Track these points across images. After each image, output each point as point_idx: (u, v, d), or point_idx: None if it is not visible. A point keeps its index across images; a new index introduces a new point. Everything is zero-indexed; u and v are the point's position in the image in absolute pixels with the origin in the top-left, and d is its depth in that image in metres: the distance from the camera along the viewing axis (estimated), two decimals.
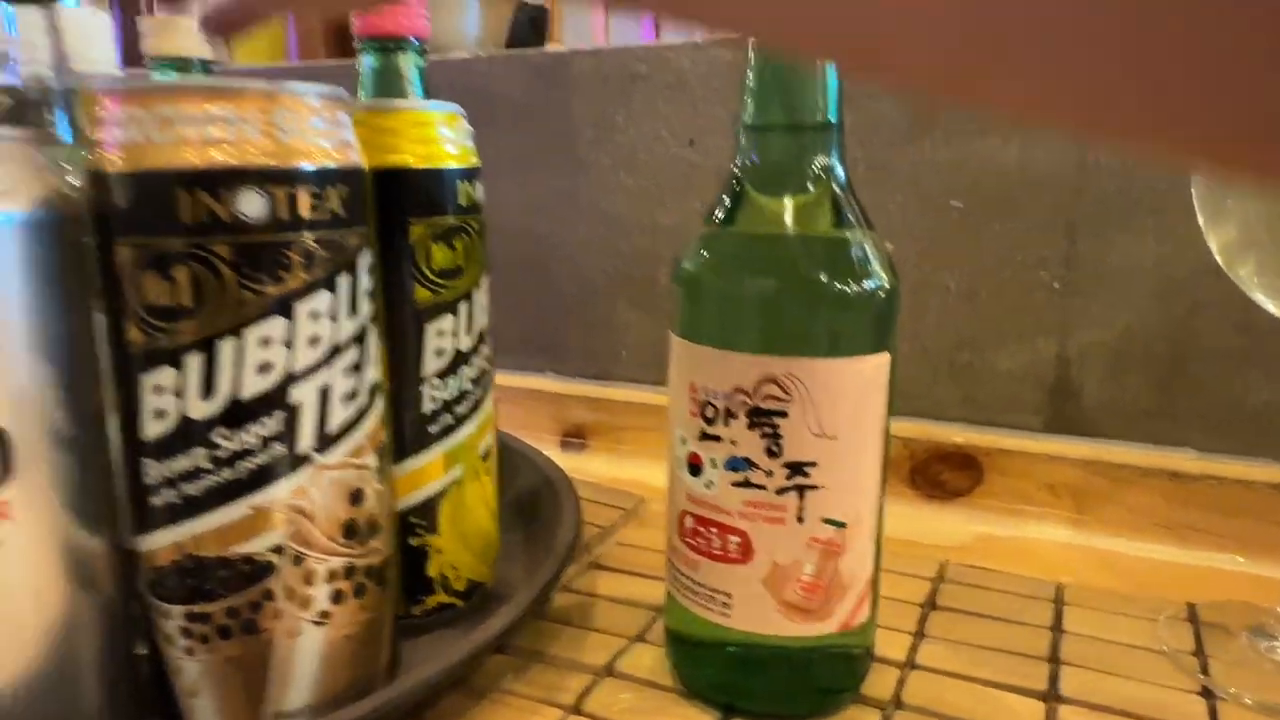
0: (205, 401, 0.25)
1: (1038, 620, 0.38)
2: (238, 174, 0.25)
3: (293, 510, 0.27)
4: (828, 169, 0.29)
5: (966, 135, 0.49)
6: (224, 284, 0.25)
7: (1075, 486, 0.48)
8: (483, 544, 0.37)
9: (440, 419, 0.34)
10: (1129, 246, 0.47)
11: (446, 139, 0.34)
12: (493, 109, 0.61)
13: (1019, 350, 0.50)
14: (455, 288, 0.34)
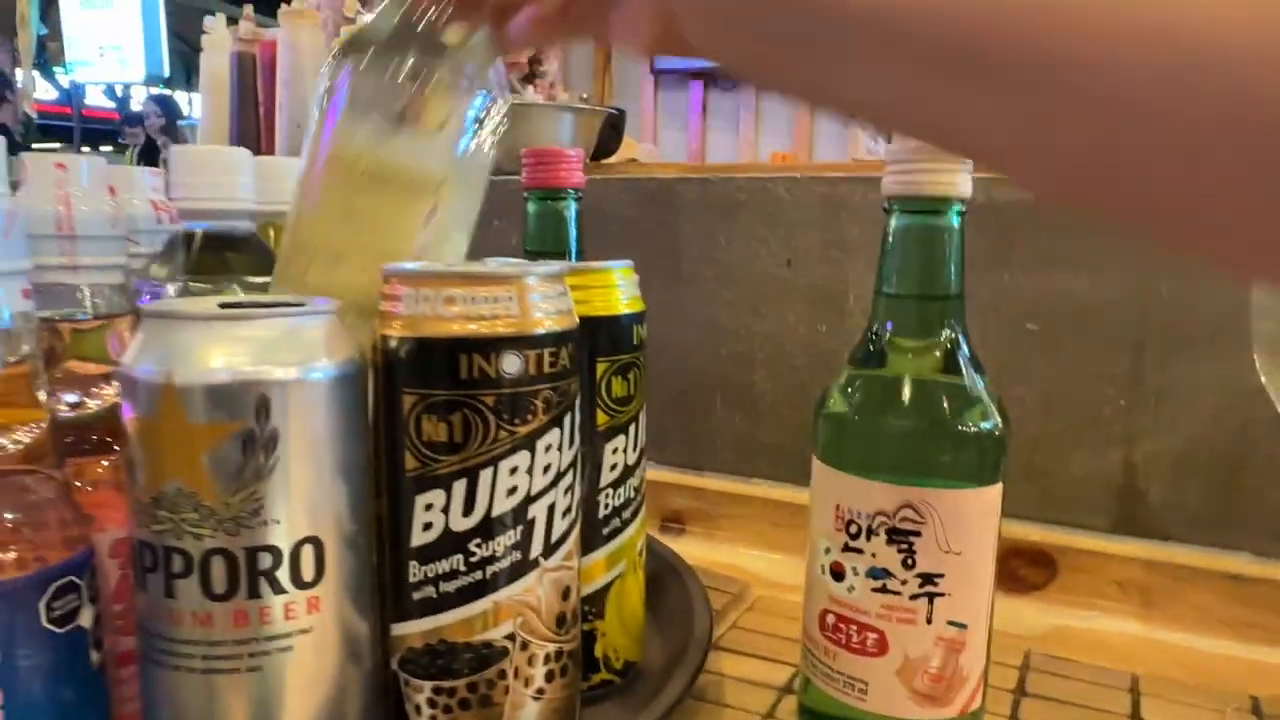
0: (465, 518, 0.32)
1: (1118, 708, 0.44)
2: (501, 341, 0.31)
3: (524, 605, 0.33)
4: (954, 328, 0.36)
5: (1040, 266, 0.56)
6: (486, 425, 0.32)
7: (1142, 584, 0.53)
8: (637, 628, 0.43)
9: (611, 522, 0.41)
10: (1188, 368, 0.53)
11: (623, 289, 0.41)
12: (608, 226, 0.68)
13: (1089, 457, 0.56)
14: (627, 412, 0.41)
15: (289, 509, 0.30)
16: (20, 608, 0.28)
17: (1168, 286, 0.53)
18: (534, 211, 0.49)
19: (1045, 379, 0.56)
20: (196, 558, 0.29)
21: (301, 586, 0.30)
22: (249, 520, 0.29)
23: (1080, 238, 0.55)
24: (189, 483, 0.29)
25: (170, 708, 0.30)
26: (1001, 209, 0.56)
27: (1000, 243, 0.56)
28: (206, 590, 0.29)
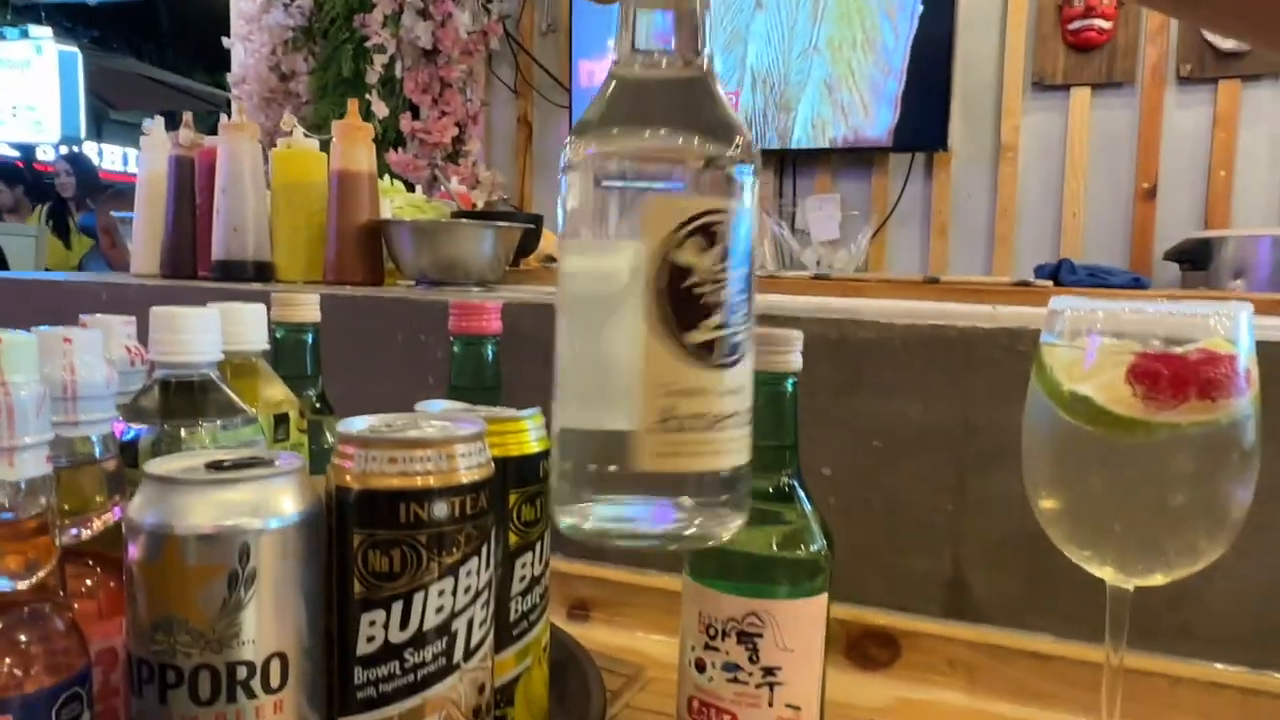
0: (402, 631, 0.40)
1: None
2: (433, 492, 0.40)
3: (448, 700, 0.41)
4: (789, 468, 0.46)
5: (883, 394, 0.67)
6: (420, 558, 0.40)
7: (967, 661, 0.63)
8: (542, 713, 0.52)
9: (520, 625, 0.49)
10: (1000, 480, 0.64)
11: (533, 433, 0.50)
12: (523, 344, 0.78)
13: (925, 554, 0.67)
14: (535, 532, 0.50)
15: (261, 630, 0.37)
16: (38, 715, 0.35)
17: (981, 415, 0.64)
18: (459, 353, 0.58)
19: (888, 488, 0.67)
20: (187, 672, 0.37)
21: (270, 692, 0.38)
22: (230, 641, 0.37)
23: (914, 373, 0.66)
24: (183, 612, 0.36)
25: None
26: (851, 345, 0.68)
27: (851, 373, 0.68)
28: (194, 698, 0.37)
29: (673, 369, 0.35)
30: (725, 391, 0.35)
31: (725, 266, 0.34)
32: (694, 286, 0.34)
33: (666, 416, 0.35)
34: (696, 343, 0.35)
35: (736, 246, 0.35)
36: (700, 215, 0.34)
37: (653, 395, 0.35)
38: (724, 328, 0.35)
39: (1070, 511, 0.49)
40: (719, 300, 0.34)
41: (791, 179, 2.52)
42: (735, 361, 0.35)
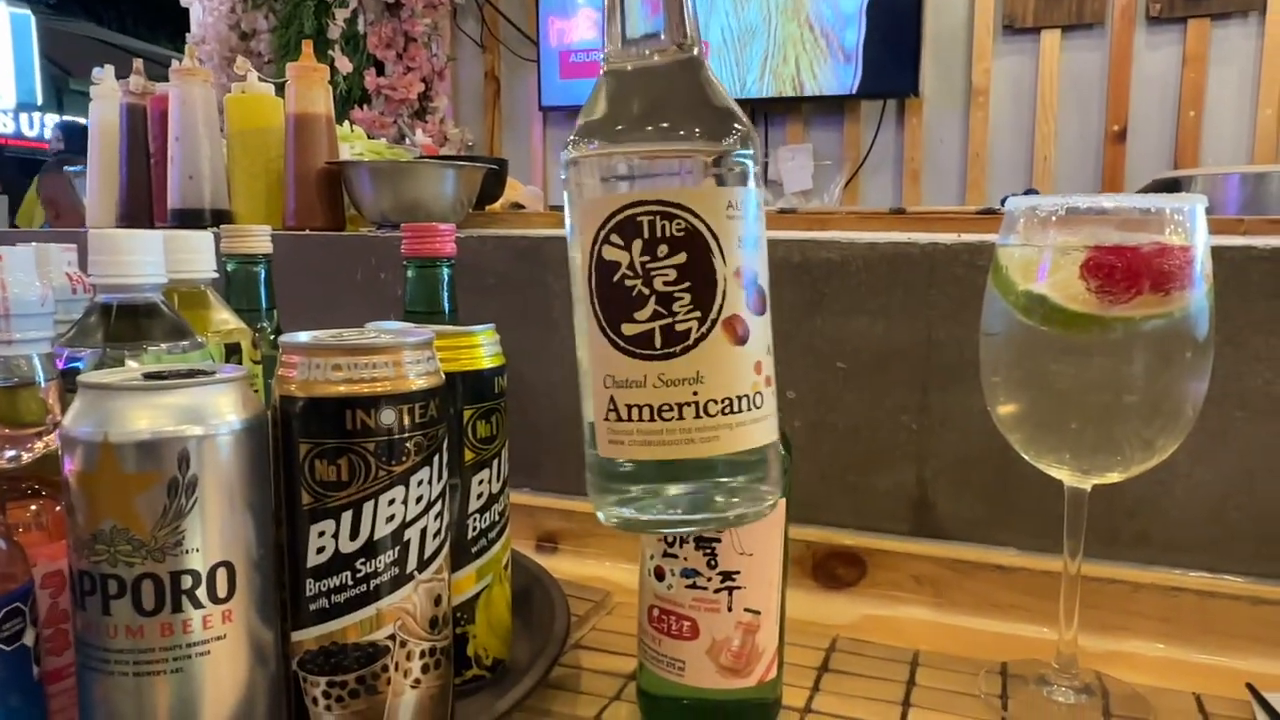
0: (352, 541, 0.40)
1: (898, 677, 0.54)
2: (379, 399, 0.39)
3: (402, 611, 0.41)
4: None
5: (845, 315, 0.67)
6: (368, 467, 0.39)
7: (933, 577, 0.64)
8: (504, 631, 0.51)
9: (479, 542, 0.49)
10: (962, 399, 0.64)
11: (486, 348, 0.49)
12: (484, 280, 0.77)
13: (890, 474, 0.67)
14: (491, 449, 0.49)
15: (206, 539, 0.37)
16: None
17: (944, 332, 0.64)
18: (412, 277, 0.57)
19: (853, 409, 0.67)
20: (129, 581, 0.36)
21: (217, 602, 0.37)
22: (173, 550, 0.36)
23: (877, 293, 0.66)
24: (122, 521, 0.36)
25: (106, 707, 0.37)
26: (814, 266, 0.67)
27: (813, 295, 0.67)
28: (138, 607, 0.36)
29: (611, 360, 0.34)
30: (668, 382, 0.34)
31: (655, 257, 0.33)
32: (622, 279, 0.34)
33: (612, 408, 0.35)
34: (628, 335, 0.34)
35: (676, 237, 0.34)
36: (623, 209, 0.34)
37: (600, 387, 0.35)
38: (659, 319, 0.33)
39: (1028, 414, 0.49)
40: (649, 291, 0.33)
41: (763, 130, 2.50)
42: (683, 350, 0.34)
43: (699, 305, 0.34)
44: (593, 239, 0.34)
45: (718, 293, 0.34)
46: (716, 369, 0.34)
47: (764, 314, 0.35)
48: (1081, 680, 0.51)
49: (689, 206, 0.33)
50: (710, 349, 0.34)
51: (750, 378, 0.35)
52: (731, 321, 0.34)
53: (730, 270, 0.34)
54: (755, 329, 0.35)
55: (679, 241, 0.33)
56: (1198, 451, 0.59)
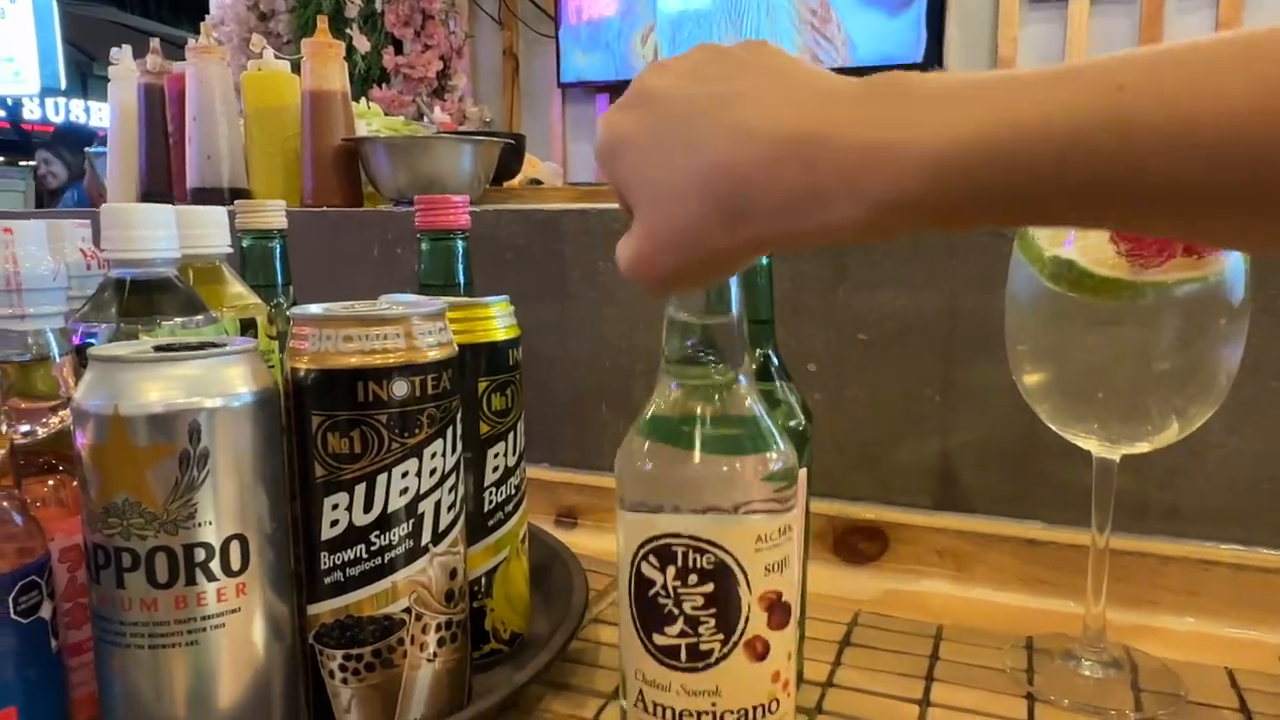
0: (366, 514, 0.39)
1: (921, 651, 0.53)
2: (392, 370, 0.39)
3: (417, 584, 0.40)
4: (766, 345, 0.45)
5: (867, 287, 0.65)
6: (381, 439, 0.39)
7: (955, 551, 0.63)
8: (522, 605, 0.51)
9: (495, 516, 0.49)
10: (987, 371, 0.63)
11: (500, 320, 0.49)
12: (502, 254, 0.76)
13: (912, 447, 0.66)
14: (506, 422, 0.49)
15: (218, 511, 0.37)
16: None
17: (968, 302, 0.63)
18: (426, 250, 0.56)
19: (874, 382, 0.66)
20: (143, 554, 0.36)
21: (231, 575, 0.37)
22: (186, 522, 0.36)
23: (899, 263, 0.65)
24: (135, 494, 0.35)
25: (123, 679, 0.37)
26: None
27: (835, 267, 0.66)
28: (152, 580, 0.36)
29: (642, 659, 0.37)
30: (690, 691, 0.37)
31: (686, 584, 0.36)
32: (655, 596, 0.36)
33: (640, 700, 0.38)
34: (658, 644, 0.37)
35: (705, 569, 0.36)
36: (661, 537, 0.36)
37: (631, 677, 0.38)
38: (686, 636, 0.36)
39: (1055, 383, 0.47)
40: (679, 612, 0.36)
41: None
42: (705, 667, 0.36)
43: (722, 629, 0.36)
44: (634, 553, 0.37)
45: (741, 618, 0.36)
46: (735, 684, 0.37)
47: (786, 627, 0.37)
48: (1110, 654, 0.50)
49: (719, 543, 0.36)
50: (730, 667, 0.36)
51: (767, 688, 0.37)
52: (753, 642, 0.36)
53: (755, 597, 0.36)
54: (776, 644, 0.37)
55: (708, 574, 0.36)
56: (1231, 421, 0.57)
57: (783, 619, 0.37)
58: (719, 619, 0.36)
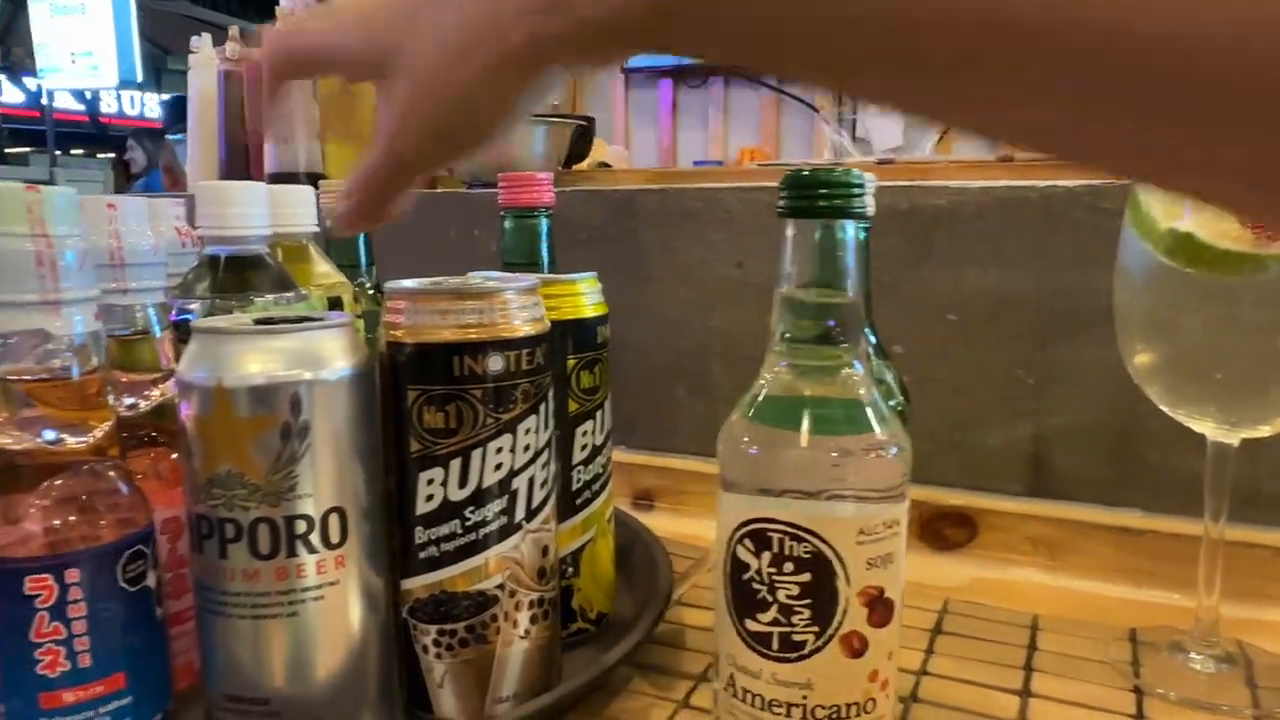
0: (461, 490, 0.39)
1: (1018, 641, 0.51)
2: (487, 344, 0.39)
3: (511, 560, 0.40)
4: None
5: (956, 264, 0.63)
6: (476, 414, 0.39)
7: (1048, 539, 0.61)
8: (608, 584, 0.51)
9: (583, 494, 0.48)
10: (1085, 352, 0.61)
11: (588, 296, 0.48)
12: (577, 234, 0.76)
13: (1002, 431, 0.64)
14: (595, 400, 0.48)
15: (318, 484, 0.37)
16: (103, 570, 0.35)
17: (1065, 278, 0.61)
18: (510, 228, 0.56)
19: (963, 363, 0.64)
20: (245, 525, 0.36)
21: (330, 547, 0.37)
22: (287, 494, 0.36)
23: (990, 240, 0.62)
24: (238, 465, 0.36)
25: (225, 649, 0.37)
26: (921, 213, 0.64)
27: (921, 244, 0.64)
28: (254, 551, 0.36)
29: (734, 643, 0.37)
30: (781, 681, 0.36)
31: (781, 571, 0.35)
32: (750, 580, 0.36)
33: (730, 684, 0.38)
34: (750, 630, 0.36)
35: (802, 558, 0.35)
36: (756, 521, 0.35)
37: (723, 661, 0.38)
38: (779, 625, 0.35)
39: (1169, 363, 0.45)
40: (773, 600, 0.35)
41: None
42: (797, 658, 0.36)
43: (817, 621, 0.35)
44: (730, 535, 0.36)
45: (838, 611, 0.35)
46: (828, 679, 0.36)
47: (888, 625, 0.36)
48: (1222, 649, 0.48)
49: (817, 532, 0.34)
50: (824, 660, 0.35)
51: (863, 686, 0.36)
52: (849, 637, 0.35)
53: (854, 591, 0.35)
54: (875, 641, 0.36)
55: (805, 563, 0.35)
56: None
57: (884, 617, 0.36)
58: (814, 610, 0.35)
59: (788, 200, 0.36)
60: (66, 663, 0.34)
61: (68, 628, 0.34)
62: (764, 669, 0.36)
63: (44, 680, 0.34)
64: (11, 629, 0.34)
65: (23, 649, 0.34)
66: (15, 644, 0.34)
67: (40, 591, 0.33)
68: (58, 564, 0.34)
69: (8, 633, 0.34)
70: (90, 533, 0.36)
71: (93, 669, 0.35)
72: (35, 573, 0.33)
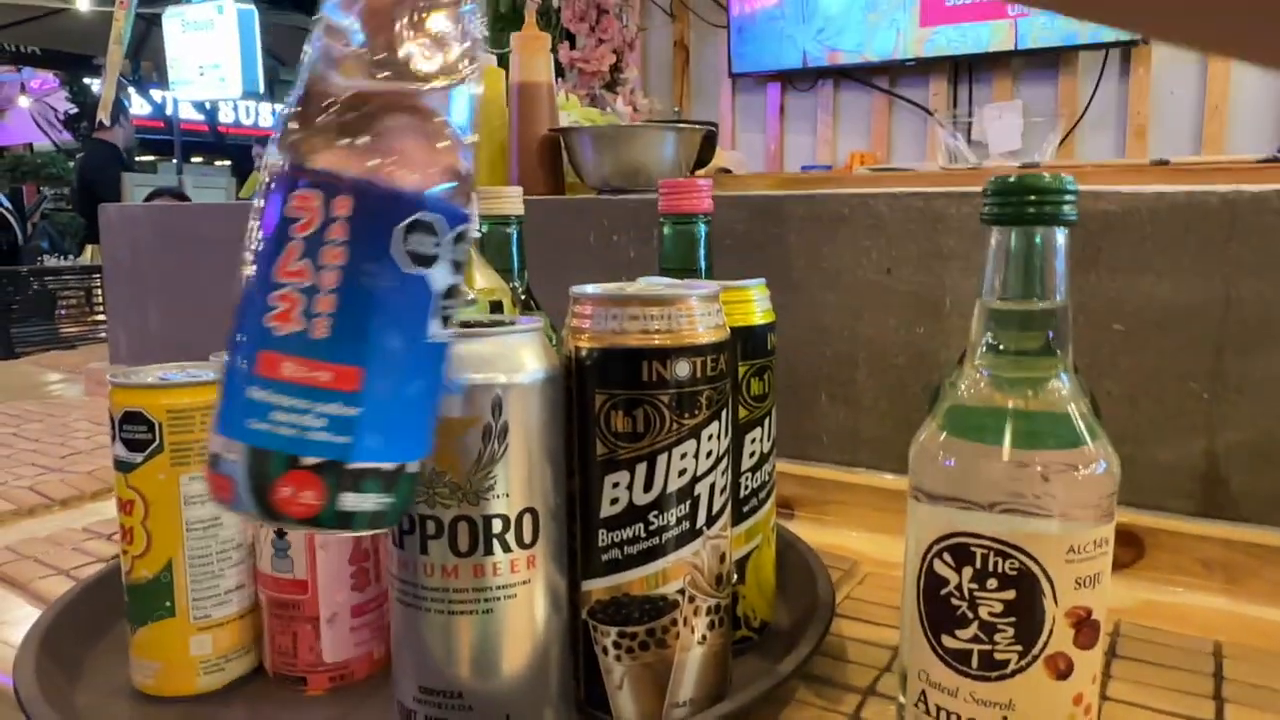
0: (645, 494, 0.39)
1: (1203, 668, 0.49)
2: (674, 350, 0.39)
3: (691, 566, 0.40)
4: None
5: (1124, 272, 0.61)
6: (664, 419, 0.39)
7: (1224, 561, 0.58)
8: (771, 593, 0.50)
9: (750, 502, 0.48)
10: (1266, 364, 0.57)
11: (759, 304, 0.48)
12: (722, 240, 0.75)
13: (1173, 447, 0.61)
14: (763, 408, 0.48)
15: (513, 485, 0.37)
16: (377, 219, 0.28)
17: (1246, 289, 0.57)
18: (669, 234, 0.56)
19: (1131, 375, 0.61)
20: (446, 523, 0.37)
21: (523, 547, 0.38)
22: (486, 494, 0.37)
23: (1162, 246, 0.60)
24: (441, 464, 0.37)
25: (420, 642, 0.39)
26: (1089, 219, 0.62)
27: (1088, 250, 0.62)
28: (453, 548, 0.37)
29: (928, 660, 0.36)
30: (980, 701, 0.35)
31: (984, 587, 0.34)
32: (949, 596, 0.35)
33: (921, 701, 0.37)
34: (948, 647, 0.35)
35: (1007, 575, 0.34)
36: (958, 535, 0.34)
37: (914, 677, 0.37)
38: (979, 642, 0.34)
39: None
40: (973, 616, 0.34)
41: (968, 87, 2.36)
42: (998, 678, 0.34)
43: (1021, 640, 0.34)
44: (926, 549, 0.35)
45: (1044, 632, 0.34)
46: (1030, 701, 0.34)
47: (1093, 647, 0.35)
48: None
49: (1026, 549, 0.33)
50: (1027, 681, 0.34)
51: (1067, 709, 0.35)
52: (1054, 659, 0.34)
53: (1061, 611, 0.34)
54: (1081, 664, 0.34)
55: (1010, 579, 0.34)
56: None
57: (1091, 638, 0.35)
58: (1018, 629, 0.34)
59: (996, 207, 0.35)
60: (300, 320, 0.27)
61: (316, 274, 0.27)
62: (961, 687, 0.35)
63: (265, 334, 0.27)
64: (265, 256, 0.28)
65: (265, 284, 0.27)
66: (262, 274, 0.27)
67: (302, 214, 0.27)
68: (329, 184, 0.27)
69: (262, 258, 0.27)
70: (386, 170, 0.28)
71: (324, 344, 0.28)
72: (303, 188, 0.27)
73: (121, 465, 0.43)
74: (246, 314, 0.28)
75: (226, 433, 0.28)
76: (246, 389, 0.28)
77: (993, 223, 0.35)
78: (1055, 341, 0.35)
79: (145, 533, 0.43)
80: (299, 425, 0.27)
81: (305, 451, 0.28)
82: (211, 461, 0.29)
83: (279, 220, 0.28)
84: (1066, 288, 0.35)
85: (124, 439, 0.43)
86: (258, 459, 0.28)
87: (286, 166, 0.28)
